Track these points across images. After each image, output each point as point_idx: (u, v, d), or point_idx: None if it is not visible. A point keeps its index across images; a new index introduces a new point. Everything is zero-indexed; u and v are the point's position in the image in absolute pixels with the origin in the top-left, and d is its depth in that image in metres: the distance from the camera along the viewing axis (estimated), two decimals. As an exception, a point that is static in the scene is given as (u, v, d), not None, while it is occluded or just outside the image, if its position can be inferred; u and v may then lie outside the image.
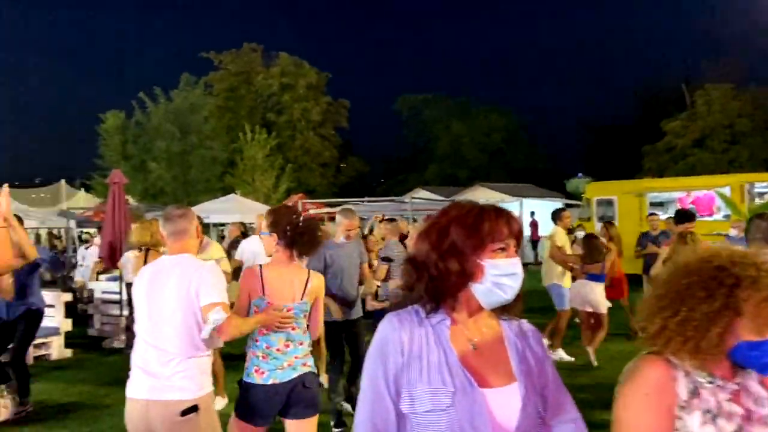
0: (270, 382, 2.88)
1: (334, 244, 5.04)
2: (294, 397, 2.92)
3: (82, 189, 35.17)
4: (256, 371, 2.90)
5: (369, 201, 21.50)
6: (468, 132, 36.46)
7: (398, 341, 1.41)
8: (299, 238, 3.05)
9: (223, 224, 16.20)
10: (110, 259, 8.15)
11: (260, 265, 3.09)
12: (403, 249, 6.74)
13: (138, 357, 2.67)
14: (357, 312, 5.10)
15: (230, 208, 15.69)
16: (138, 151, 25.40)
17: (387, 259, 6.11)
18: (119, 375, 6.65)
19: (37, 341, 6.80)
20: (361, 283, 5.29)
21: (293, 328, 2.97)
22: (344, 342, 5.04)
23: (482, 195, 20.25)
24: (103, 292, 9.05)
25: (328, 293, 4.94)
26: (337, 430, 4.91)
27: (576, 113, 69.71)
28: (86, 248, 11.65)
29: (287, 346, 2.95)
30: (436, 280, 1.43)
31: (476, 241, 1.43)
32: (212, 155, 25.91)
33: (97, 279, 9.90)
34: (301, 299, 3.01)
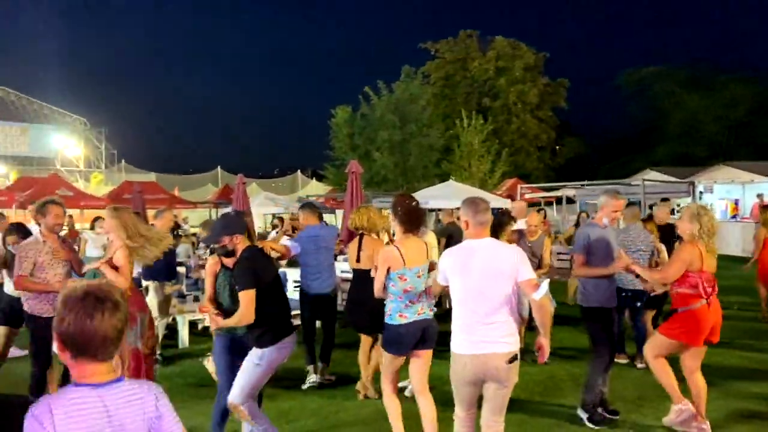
0: (412, 320, 3.92)
1: (596, 225, 4.89)
2: (427, 333, 3.97)
3: (314, 178, 38.97)
4: (400, 316, 3.94)
5: (590, 184, 20.46)
6: (705, 105, 32.60)
7: None
8: (407, 218, 4.07)
9: (440, 209, 16.75)
10: (349, 243, 8.97)
11: (395, 245, 4.04)
12: (644, 233, 6.35)
13: (467, 321, 3.28)
14: (613, 300, 4.90)
15: (447, 194, 16.10)
16: (363, 142, 27.27)
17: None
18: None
19: (293, 313, 7.76)
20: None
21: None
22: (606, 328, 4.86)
23: (726, 175, 18.03)
24: (342, 272, 10.01)
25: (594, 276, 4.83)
26: (594, 426, 4.68)
27: None
28: (275, 232, 12.32)
29: (419, 297, 3.99)
30: None
31: None
32: (429, 143, 26.79)
33: (335, 260, 10.98)
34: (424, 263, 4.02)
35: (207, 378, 4.05)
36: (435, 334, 4.08)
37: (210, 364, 4.17)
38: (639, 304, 6.20)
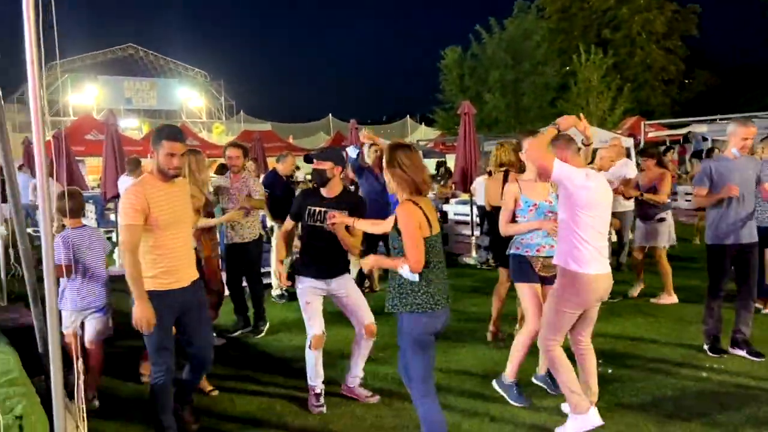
0: (536, 254, 4.05)
1: (725, 158, 4.66)
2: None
3: (422, 123, 38.72)
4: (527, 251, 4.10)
5: (723, 118, 18.73)
6: None
7: None
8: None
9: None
10: (462, 184, 8.90)
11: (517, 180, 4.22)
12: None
13: (596, 244, 3.48)
14: (751, 235, 4.64)
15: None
16: (474, 83, 26.60)
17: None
18: (474, 285, 7.43)
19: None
20: None
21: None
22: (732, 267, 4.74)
23: None
24: (455, 214, 10.04)
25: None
26: (713, 355, 4.75)
27: None
28: None
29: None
30: None
31: None
32: (544, 81, 25.66)
33: (447, 202, 10.99)
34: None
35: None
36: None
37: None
38: None
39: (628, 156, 8.48)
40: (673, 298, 6.37)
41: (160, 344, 3.29)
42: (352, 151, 7.05)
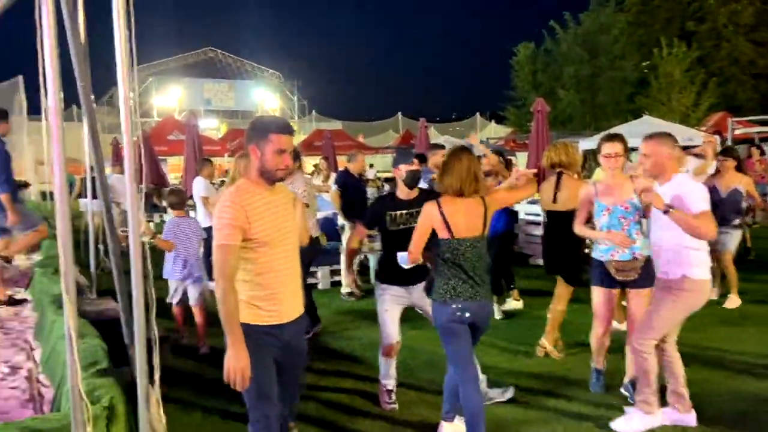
0: (609, 258, 3.88)
1: None
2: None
3: (492, 120, 38.22)
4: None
5: (821, 115, 17.47)
6: None
7: None
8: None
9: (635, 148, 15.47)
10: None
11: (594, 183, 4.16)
12: None
13: None
14: None
15: (643, 132, 14.78)
16: (547, 80, 26.00)
17: None
18: (544, 287, 7.23)
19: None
20: None
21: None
22: None
23: None
24: (526, 214, 9.85)
25: None
26: None
27: None
28: None
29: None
30: None
31: None
32: (622, 76, 24.76)
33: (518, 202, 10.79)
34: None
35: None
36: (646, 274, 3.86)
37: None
38: None
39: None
40: (738, 301, 6.24)
41: (260, 392, 2.58)
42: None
